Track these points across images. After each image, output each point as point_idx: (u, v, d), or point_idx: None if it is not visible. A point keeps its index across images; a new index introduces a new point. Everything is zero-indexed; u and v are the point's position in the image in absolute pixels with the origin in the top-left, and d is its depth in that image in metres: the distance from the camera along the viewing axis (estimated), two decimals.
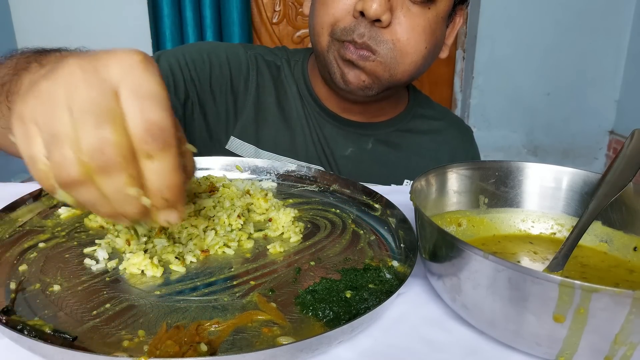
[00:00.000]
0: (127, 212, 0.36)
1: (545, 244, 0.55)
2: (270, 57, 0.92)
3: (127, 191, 0.34)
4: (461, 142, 1.01)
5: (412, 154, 0.94)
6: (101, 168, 0.33)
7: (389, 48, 0.77)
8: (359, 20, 0.75)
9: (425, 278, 0.50)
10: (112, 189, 0.34)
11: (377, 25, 0.75)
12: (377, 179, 0.88)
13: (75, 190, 0.35)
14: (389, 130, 0.93)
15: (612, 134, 2.68)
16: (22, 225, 0.54)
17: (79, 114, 0.33)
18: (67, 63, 0.34)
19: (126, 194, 0.35)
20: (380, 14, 0.73)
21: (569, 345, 0.36)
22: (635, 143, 0.55)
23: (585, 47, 2.52)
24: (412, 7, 0.76)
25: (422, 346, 0.41)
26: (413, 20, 0.76)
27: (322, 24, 0.79)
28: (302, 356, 0.38)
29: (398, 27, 0.76)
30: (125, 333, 0.39)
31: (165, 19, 2.18)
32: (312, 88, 0.90)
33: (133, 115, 0.34)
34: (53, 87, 0.34)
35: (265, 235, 0.56)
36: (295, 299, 0.44)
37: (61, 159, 0.33)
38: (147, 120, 0.34)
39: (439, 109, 1.03)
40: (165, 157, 0.35)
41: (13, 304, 0.41)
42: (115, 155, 0.33)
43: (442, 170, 0.56)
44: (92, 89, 0.33)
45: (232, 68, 0.88)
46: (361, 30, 0.75)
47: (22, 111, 0.35)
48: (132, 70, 0.34)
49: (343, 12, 0.77)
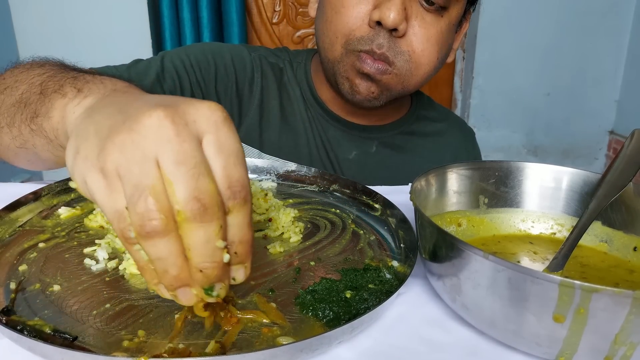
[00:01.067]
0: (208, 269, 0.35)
1: (545, 244, 0.55)
2: (273, 58, 0.91)
3: (217, 243, 0.34)
4: (464, 144, 1.01)
5: (415, 157, 0.94)
6: (194, 216, 0.33)
7: (405, 60, 0.76)
8: (376, 30, 0.74)
9: (425, 278, 0.50)
10: (201, 240, 0.34)
11: (394, 35, 0.74)
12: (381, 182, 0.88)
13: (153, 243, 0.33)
14: (392, 133, 0.93)
15: (612, 134, 2.68)
16: (22, 225, 0.54)
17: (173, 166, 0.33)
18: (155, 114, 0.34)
19: (214, 246, 0.34)
20: (398, 23, 0.71)
21: (569, 345, 0.36)
22: (635, 143, 0.55)
23: (586, 48, 2.52)
24: (427, 16, 0.75)
25: (422, 346, 0.41)
26: (427, 30, 0.75)
27: (335, 33, 0.77)
28: (302, 356, 0.38)
29: (413, 37, 0.75)
30: (125, 333, 0.39)
31: (165, 20, 2.18)
32: (316, 91, 0.89)
33: (218, 171, 0.34)
34: (142, 140, 0.33)
35: (265, 235, 0.56)
36: (295, 299, 0.44)
37: (145, 209, 0.33)
38: (230, 177, 0.35)
39: (441, 110, 1.03)
40: (243, 212, 0.35)
41: (13, 304, 0.41)
42: (212, 203, 0.33)
43: (442, 171, 0.56)
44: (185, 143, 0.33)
45: (237, 70, 0.87)
46: (380, 41, 0.74)
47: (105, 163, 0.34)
48: (217, 126, 0.35)
49: (358, 22, 0.75)
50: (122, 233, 0.34)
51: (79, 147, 0.37)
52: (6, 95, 0.57)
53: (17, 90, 0.55)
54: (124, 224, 0.34)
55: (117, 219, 0.34)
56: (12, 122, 0.54)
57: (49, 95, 0.49)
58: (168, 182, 0.33)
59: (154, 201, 0.33)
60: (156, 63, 0.81)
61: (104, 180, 0.34)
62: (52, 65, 0.58)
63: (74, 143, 0.38)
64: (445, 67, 2.62)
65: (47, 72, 0.54)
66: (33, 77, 0.55)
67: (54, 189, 0.60)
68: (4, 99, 0.56)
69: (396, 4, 0.71)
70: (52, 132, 0.48)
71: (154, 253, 0.34)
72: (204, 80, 0.84)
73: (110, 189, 0.34)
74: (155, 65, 0.81)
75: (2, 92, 0.57)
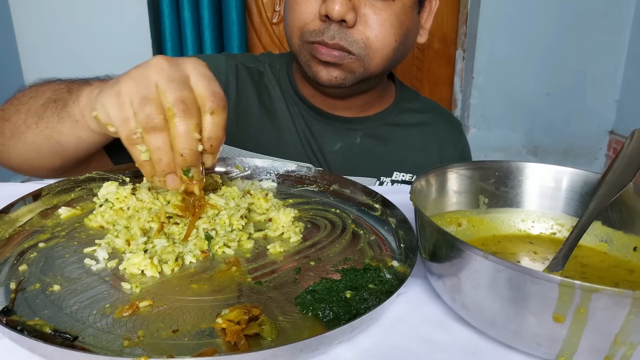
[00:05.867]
0: (186, 153, 0.49)
1: (545, 244, 0.55)
2: (252, 63, 0.95)
3: (194, 135, 0.49)
4: (449, 134, 1.01)
5: (400, 147, 0.95)
6: (181, 112, 0.48)
7: (361, 47, 0.78)
8: (326, 23, 0.77)
9: (425, 278, 0.50)
10: (183, 130, 0.49)
11: (344, 26, 0.77)
12: (366, 173, 0.89)
13: (155, 136, 0.49)
14: (376, 124, 0.94)
15: (612, 134, 2.68)
16: (22, 225, 0.54)
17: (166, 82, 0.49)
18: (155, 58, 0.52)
19: (192, 137, 0.49)
20: (343, 14, 0.74)
21: (569, 345, 0.36)
22: (635, 143, 0.55)
23: (585, 47, 2.52)
24: (376, 2, 0.77)
25: (422, 346, 0.41)
26: (379, 15, 0.78)
27: (292, 27, 0.82)
28: (302, 356, 0.38)
29: (365, 25, 0.78)
30: (126, 333, 0.39)
31: (165, 20, 2.17)
32: (298, 88, 0.92)
33: (202, 86, 0.51)
34: (146, 71, 0.51)
35: (265, 236, 0.56)
36: (295, 299, 0.44)
37: (150, 111, 0.48)
38: (212, 89, 0.51)
39: (426, 102, 1.04)
40: (221, 114, 0.51)
41: (13, 304, 0.41)
42: (192, 105, 0.49)
43: (442, 170, 0.56)
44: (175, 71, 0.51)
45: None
46: (330, 33, 0.77)
47: (120, 88, 0.50)
48: (200, 64, 0.53)
49: (310, 16, 0.79)
50: (127, 135, 0.50)
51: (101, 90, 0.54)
52: (30, 104, 0.69)
53: (42, 96, 0.68)
54: (130, 127, 0.49)
55: (125, 124, 0.50)
56: (41, 118, 0.66)
57: (77, 89, 0.63)
58: (162, 92, 0.49)
59: (154, 106, 0.49)
60: None
61: (116, 99, 0.50)
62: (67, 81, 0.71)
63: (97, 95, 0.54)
64: (445, 67, 2.63)
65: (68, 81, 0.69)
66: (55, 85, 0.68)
67: (54, 189, 0.60)
68: (29, 108, 0.68)
69: None
70: (79, 113, 0.61)
71: (155, 144, 0.49)
72: None
73: (121, 103, 0.50)
74: None
75: (26, 102, 0.69)
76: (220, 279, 0.47)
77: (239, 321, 0.39)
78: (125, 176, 0.66)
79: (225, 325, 0.39)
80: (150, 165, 0.51)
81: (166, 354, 0.36)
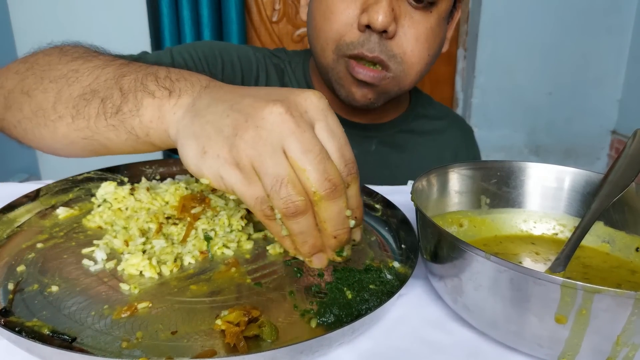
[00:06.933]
0: (340, 234, 0.44)
1: (547, 245, 0.55)
2: (275, 59, 0.92)
3: (346, 212, 0.43)
4: (463, 142, 1.01)
5: (415, 155, 0.94)
6: (328, 195, 0.41)
7: (398, 62, 0.76)
8: (366, 34, 0.73)
9: (427, 279, 0.49)
10: (334, 212, 0.42)
11: (384, 37, 0.73)
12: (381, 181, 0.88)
13: (297, 221, 0.42)
14: (392, 131, 0.93)
15: (615, 134, 2.68)
16: (20, 226, 0.54)
17: (300, 153, 0.40)
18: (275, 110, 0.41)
19: (344, 216, 0.43)
20: (387, 24, 0.71)
21: (571, 346, 0.36)
22: (637, 143, 0.54)
23: (587, 47, 2.51)
24: (415, 14, 0.75)
25: (423, 348, 0.41)
26: (417, 29, 0.75)
27: (326, 39, 0.76)
28: (302, 358, 0.37)
29: (403, 37, 0.74)
30: (124, 334, 0.38)
31: (164, 19, 2.17)
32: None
33: (333, 152, 0.42)
34: (269, 135, 0.40)
35: (265, 236, 0.55)
36: (295, 300, 0.44)
37: (287, 194, 0.40)
38: (345, 156, 0.43)
39: (440, 109, 1.03)
40: (356, 184, 0.44)
41: (11, 305, 0.41)
42: (339, 181, 0.42)
43: (443, 170, 0.55)
44: (306, 133, 0.41)
45: (244, 69, 0.88)
46: (371, 45, 0.73)
47: (240, 159, 0.41)
48: (325, 113, 0.43)
49: (347, 27, 0.74)
50: (262, 213, 0.42)
51: (205, 147, 0.42)
52: (63, 85, 0.55)
53: (78, 82, 0.54)
54: (265, 206, 0.42)
55: (259, 204, 0.42)
56: (79, 113, 0.53)
57: (132, 92, 0.50)
58: (299, 169, 0.41)
59: (292, 187, 0.40)
60: (167, 56, 0.83)
61: (241, 174, 0.41)
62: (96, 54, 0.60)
63: (195, 143, 0.43)
64: (447, 66, 2.62)
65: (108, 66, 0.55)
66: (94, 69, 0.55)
67: (52, 189, 0.60)
68: (60, 89, 0.55)
69: (383, 6, 0.70)
70: (142, 129, 0.50)
71: (297, 229, 0.42)
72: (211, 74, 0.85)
73: (248, 180, 0.41)
74: (166, 58, 0.82)
75: (55, 80, 0.56)
76: (220, 280, 0.47)
77: (239, 323, 0.39)
78: (123, 176, 0.65)
79: (224, 327, 0.39)
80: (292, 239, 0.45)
81: (165, 355, 0.36)
